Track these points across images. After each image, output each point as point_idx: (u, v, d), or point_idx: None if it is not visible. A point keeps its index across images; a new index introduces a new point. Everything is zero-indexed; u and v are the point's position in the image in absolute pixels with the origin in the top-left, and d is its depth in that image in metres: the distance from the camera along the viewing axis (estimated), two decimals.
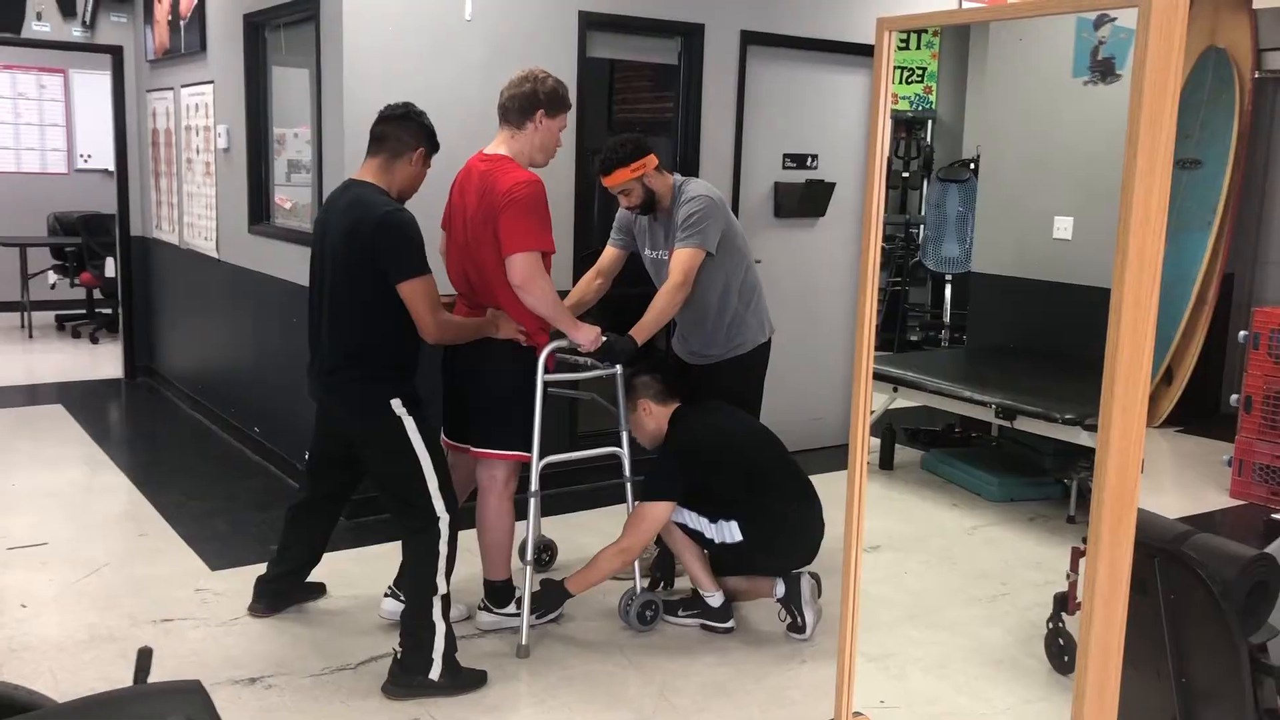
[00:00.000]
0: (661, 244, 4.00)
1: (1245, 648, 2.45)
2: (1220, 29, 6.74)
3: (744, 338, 4.05)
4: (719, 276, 3.94)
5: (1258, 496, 5.52)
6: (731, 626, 3.81)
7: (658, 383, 3.88)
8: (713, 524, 3.71)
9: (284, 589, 3.85)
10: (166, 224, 7.11)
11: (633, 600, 3.84)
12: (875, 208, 2.43)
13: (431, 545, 3.30)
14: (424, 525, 3.31)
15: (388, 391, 3.29)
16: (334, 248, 3.30)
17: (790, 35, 5.68)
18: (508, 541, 3.71)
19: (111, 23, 7.25)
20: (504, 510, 3.68)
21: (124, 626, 3.72)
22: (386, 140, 3.38)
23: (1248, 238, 7.08)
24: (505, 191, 3.42)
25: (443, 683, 3.28)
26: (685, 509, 3.73)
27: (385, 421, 3.28)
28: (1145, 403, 2.04)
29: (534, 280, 3.43)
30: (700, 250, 3.82)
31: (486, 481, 3.67)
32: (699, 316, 4.01)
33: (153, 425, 6.67)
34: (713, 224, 3.83)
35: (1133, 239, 1.93)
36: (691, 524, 3.74)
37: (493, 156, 3.57)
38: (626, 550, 3.69)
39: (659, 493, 3.68)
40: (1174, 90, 1.92)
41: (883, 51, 2.36)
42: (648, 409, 3.85)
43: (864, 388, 2.52)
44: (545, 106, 3.56)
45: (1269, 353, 5.47)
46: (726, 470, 3.74)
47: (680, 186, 3.92)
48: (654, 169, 3.85)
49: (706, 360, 4.08)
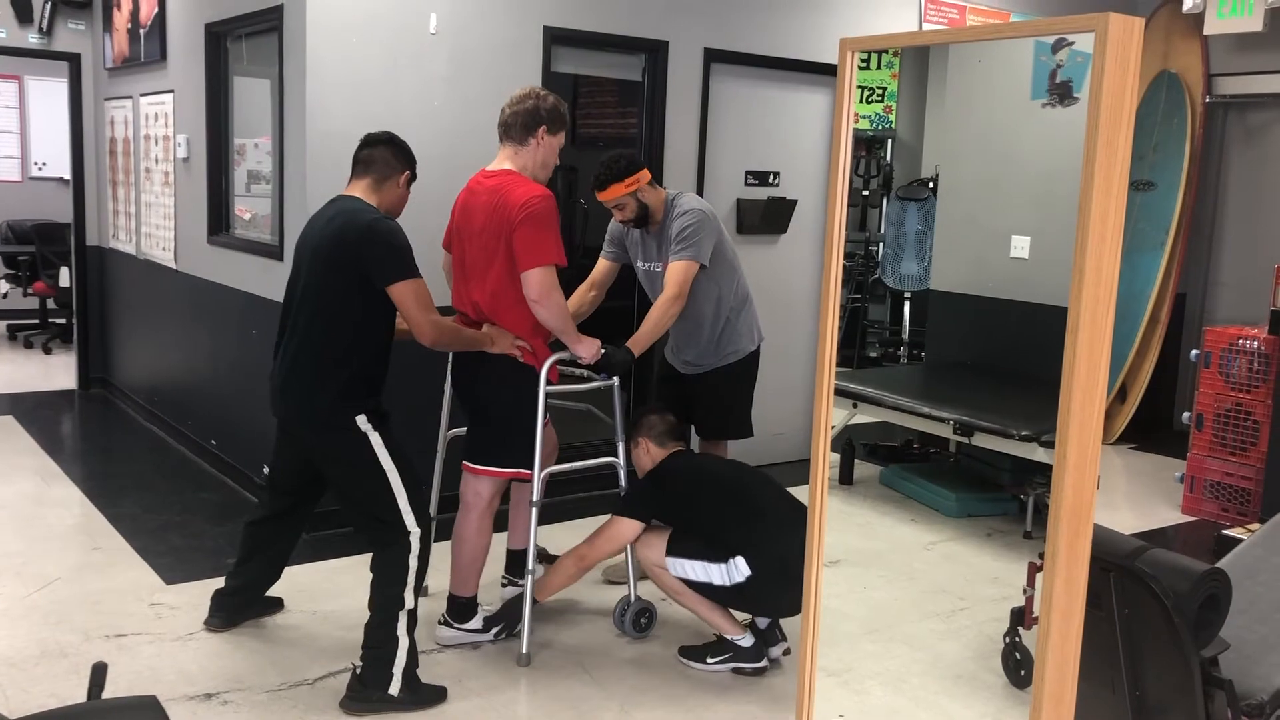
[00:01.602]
0: (654, 256, 4.08)
1: (1197, 661, 2.49)
2: (1172, 54, 6.88)
3: (736, 346, 4.15)
4: (712, 288, 4.05)
5: (1208, 512, 5.62)
6: (765, 666, 3.63)
7: (662, 424, 3.84)
8: (720, 565, 3.50)
9: (241, 603, 3.80)
10: (124, 234, 7.03)
11: (628, 607, 3.85)
12: (838, 223, 2.46)
13: (400, 559, 3.28)
14: (393, 539, 3.29)
15: (353, 408, 3.25)
16: (316, 257, 3.28)
17: (753, 54, 5.73)
18: (482, 559, 3.71)
19: (69, 30, 7.16)
20: (485, 528, 3.69)
21: (76, 642, 3.66)
22: (374, 164, 3.40)
23: (1199, 258, 7.22)
24: (521, 205, 3.44)
25: (402, 698, 3.26)
26: (686, 561, 3.55)
27: (350, 438, 3.25)
28: (1101, 419, 2.08)
29: (550, 295, 3.47)
30: (694, 263, 3.92)
31: (471, 498, 3.67)
32: (693, 327, 4.10)
33: (107, 437, 6.58)
34: (706, 237, 3.94)
35: (1090, 258, 1.97)
36: (697, 576, 3.53)
37: (499, 172, 3.60)
38: (583, 557, 3.66)
39: (628, 510, 3.66)
40: (1129, 113, 1.97)
41: (845, 71, 2.39)
42: (646, 448, 3.82)
43: (825, 404, 2.54)
44: (547, 123, 3.61)
45: (1220, 371, 5.57)
46: (708, 496, 3.66)
47: (673, 200, 4.02)
48: (647, 183, 3.95)
49: (700, 369, 4.18)
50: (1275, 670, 2.71)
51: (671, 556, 3.56)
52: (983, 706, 3.49)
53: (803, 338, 6.11)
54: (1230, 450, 5.54)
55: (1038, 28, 2.01)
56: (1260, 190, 6.93)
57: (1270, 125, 6.94)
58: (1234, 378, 5.52)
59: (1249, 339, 5.47)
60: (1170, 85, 6.81)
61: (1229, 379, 5.54)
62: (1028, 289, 5.83)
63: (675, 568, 3.56)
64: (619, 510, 3.67)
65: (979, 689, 3.59)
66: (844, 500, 5.64)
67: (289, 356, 3.35)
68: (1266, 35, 6.24)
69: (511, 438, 3.60)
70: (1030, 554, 4.14)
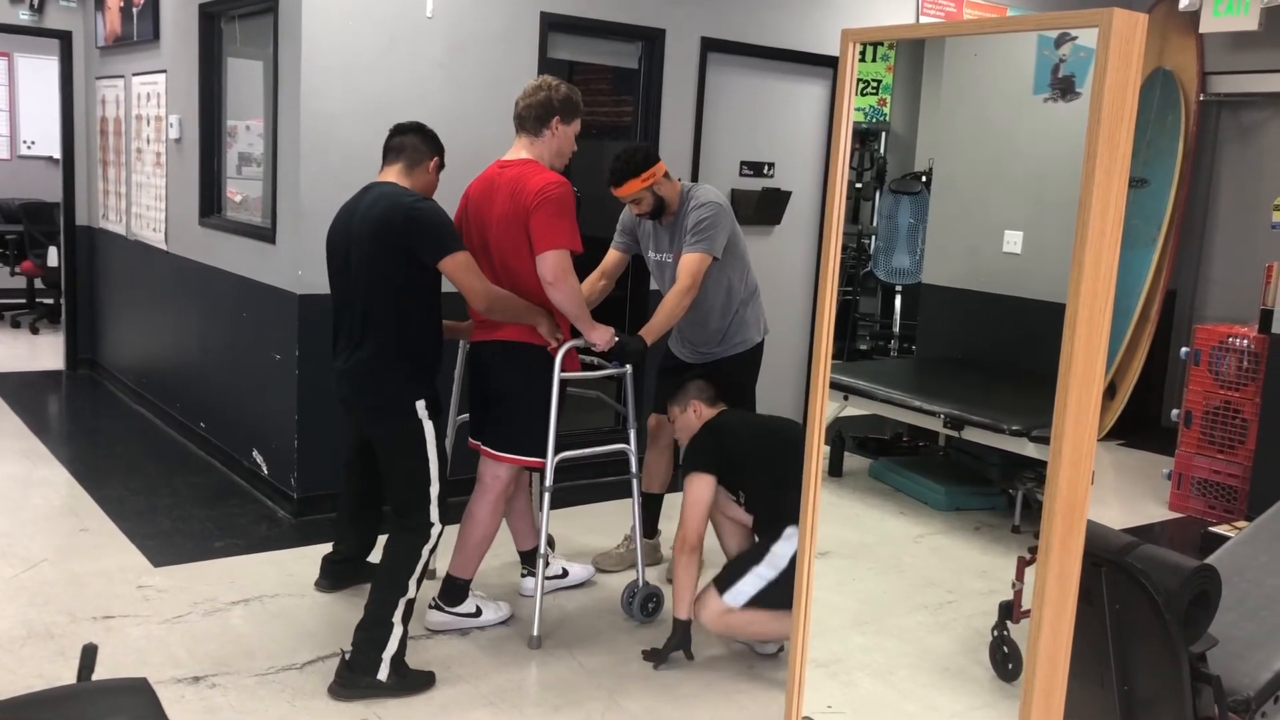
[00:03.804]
0: (666, 247, 4.09)
1: (1186, 657, 2.50)
2: (1168, 51, 6.89)
3: (744, 336, 4.18)
4: (723, 279, 4.07)
5: (1195, 509, 5.64)
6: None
7: (711, 388, 3.88)
8: (764, 560, 3.48)
9: (348, 569, 4.03)
10: (114, 214, 6.98)
11: (636, 592, 3.87)
12: (836, 212, 2.45)
13: (416, 548, 3.33)
14: (416, 526, 3.35)
15: (415, 392, 3.32)
16: (364, 245, 3.30)
17: (750, 44, 5.71)
18: (489, 541, 3.75)
19: (60, 7, 7.10)
20: (499, 511, 3.74)
21: (63, 623, 3.64)
22: (405, 150, 3.47)
23: (1190, 256, 7.24)
24: (538, 191, 3.47)
25: (391, 683, 3.26)
26: (739, 584, 3.47)
27: (407, 424, 3.32)
28: (1097, 414, 2.08)
29: (564, 278, 3.48)
30: (708, 255, 3.94)
31: (490, 481, 3.71)
32: (703, 317, 4.11)
33: (95, 418, 6.54)
34: (720, 230, 3.96)
35: (1089, 253, 1.97)
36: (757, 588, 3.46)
37: (516, 161, 3.62)
38: (683, 539, 3.55)
39: (692, 466, 3.61)
40: (1131, 109, 1.97)
41: (846, 62, 2.39)
42: (696, 409, 3.83)
43: (820, 397, 2.54)
44: (560, 113, 3.64)
45: (1209, 369, 5.59)
46: (762, 443, 3.65)
47: (689, 192, 4.03)
48: (662, 176, 3.95)
49: (707, 358, 4.19)
50: (1261, 666, 2.72)
51: (725, 594, 3.49)
52: (970, 699, 3.50)
53: (795, 329, 6.12)
54: (1218, 448, 5.56)
55: (1041, 22, 2.00)
56: (1252, 189, 6.94)
57: (1264, 124, 6.95)
58: (1223, 376, 5.54)
59: (1239, 337, 5.49)
60: (1165, 82, 6.82)
61: (1218, 377, 5.56)
62: (1020, 284, 5.84)
63: (736, 598, 3.48)
64: (684, 470, 3.64)
65: (966, 682, 3.61)
66: (834, 492, 5.65)
67: (354, 343, 3.35)
68: (1262, 34, 6.25)
69: (533, 426, 3.63)
70: (1018, 548, 4.15)
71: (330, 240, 3.46)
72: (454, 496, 3.99)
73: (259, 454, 5.10)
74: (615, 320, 4.03)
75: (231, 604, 3.87)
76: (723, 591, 3.49)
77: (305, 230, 4.58)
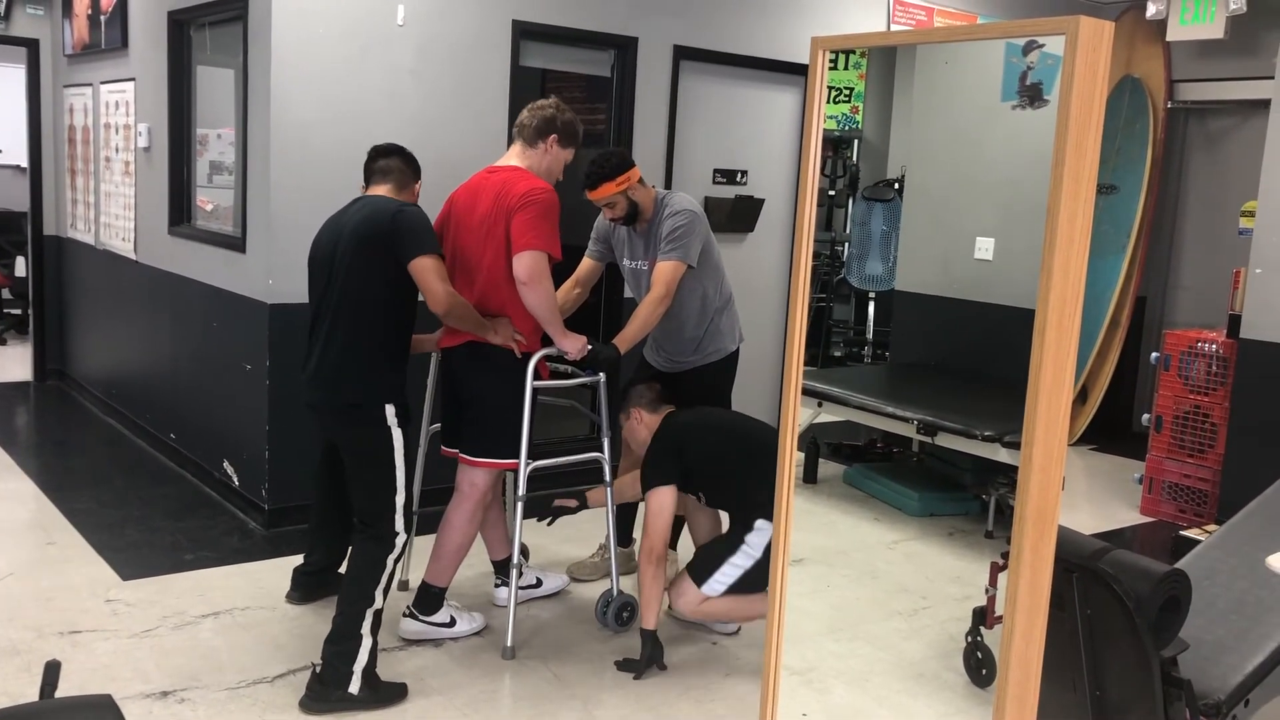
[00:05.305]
0: (641, 255, 4.07)
1: (1158, 661, 2.51)
2: (1135, 59, 6.96)
3: (718, 345, 4.16)
4: (698, 288, 4.04)
5: (1166, 514, 5.68)
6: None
7: (651, 392, 3.88)
8: (739, 549, 3.54)
9: (317, 582, 3.98)
10: (82, 223, 6.91)
11: (610, 602, 3.85)
12: (807, 219, 2.46)
13: (381, 559, 3.32)
14: (380, 536, 3.33)
15: (385, 396, 3.32)
16: (347, 247, 3.33)
17: (723, 52, 5.72)
18: (466, 549, 3.74)
19: (28, 15, 7.03)
20: (476, 519, 3.72)
21: (29, 639, 3.59)
22: (392, 172, 3.54)
23: (1159, 262, 7.31)
24: (523, 194, 3.50)
25: (362, 696, 3.23)
26: (716, 575, 3.54)
27: (376, 430, 3.31)
28: (1066, 419, 2.09)
29: (538, 279, 3.48)
30: (682, 264, 3.92)
31: (467, 488, 3.69)
32: (677, 326, 4.10)
33: (63, 430, 6.47)
34: (695, 238, 3.94)
35: (1058, 260, 1.98)
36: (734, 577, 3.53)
37: (505, 167, 3.66)
38: (649, 550, 3.57)
39: (652, 479, 3.62)
40: (1098, 116, 1.98)
41: (816, 70, 2.39)
42: (640, 417, 3.83)
43: (793, 403, 2.54)
44: (560, 133, 3.69)
45: (1179, 374, 5.63)
46: (714, 439, 3.69)
47: (663, 200, 4.01)
48: (637, 182, 3.93)
49: (681, 367, 4.17)
50: (1232, 670, 2.74)
51: (703, 585, 3.56)
52: (944, 706, 3.51)
53: (769, 336, 6.12)
54: (1188, 452, 5.60)
55: (1009, 29, 2.01)
56: (1220, 196, 7.01)
57: (1230, 131, 7.03)
58: (1193, 380, 5.59)
59: (1207, 342, 5.53)
60: (1133, 90, 6.88)
61: (1188, 382, 5.61)
62: (992, 290, 5.87)
63: (714, 588, 3.55)
64: (644, 485, 3.65)
65: (941, 688, 3.61)
66: (808, 499, 5.66)
67: (323, 345, 3.36)
68: (1227, 43, 6.32)
69: (507, 429, 3.62)
70: (992, 553, 4.16)
71: (315, 249, 3.47)
72: (429, 506, 3.99)
73: (230, 465, 5.05)
74: (589, 328, 4.02)
75: (201, 617, 3.83)
76: (700, 582, 3.56)
77: (276, 239, 4.55)
